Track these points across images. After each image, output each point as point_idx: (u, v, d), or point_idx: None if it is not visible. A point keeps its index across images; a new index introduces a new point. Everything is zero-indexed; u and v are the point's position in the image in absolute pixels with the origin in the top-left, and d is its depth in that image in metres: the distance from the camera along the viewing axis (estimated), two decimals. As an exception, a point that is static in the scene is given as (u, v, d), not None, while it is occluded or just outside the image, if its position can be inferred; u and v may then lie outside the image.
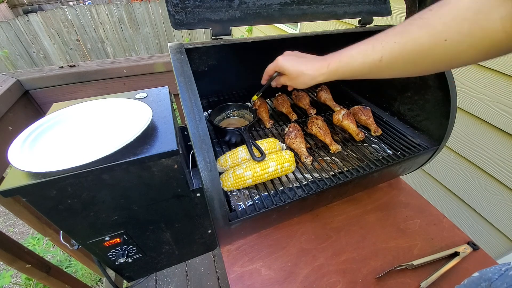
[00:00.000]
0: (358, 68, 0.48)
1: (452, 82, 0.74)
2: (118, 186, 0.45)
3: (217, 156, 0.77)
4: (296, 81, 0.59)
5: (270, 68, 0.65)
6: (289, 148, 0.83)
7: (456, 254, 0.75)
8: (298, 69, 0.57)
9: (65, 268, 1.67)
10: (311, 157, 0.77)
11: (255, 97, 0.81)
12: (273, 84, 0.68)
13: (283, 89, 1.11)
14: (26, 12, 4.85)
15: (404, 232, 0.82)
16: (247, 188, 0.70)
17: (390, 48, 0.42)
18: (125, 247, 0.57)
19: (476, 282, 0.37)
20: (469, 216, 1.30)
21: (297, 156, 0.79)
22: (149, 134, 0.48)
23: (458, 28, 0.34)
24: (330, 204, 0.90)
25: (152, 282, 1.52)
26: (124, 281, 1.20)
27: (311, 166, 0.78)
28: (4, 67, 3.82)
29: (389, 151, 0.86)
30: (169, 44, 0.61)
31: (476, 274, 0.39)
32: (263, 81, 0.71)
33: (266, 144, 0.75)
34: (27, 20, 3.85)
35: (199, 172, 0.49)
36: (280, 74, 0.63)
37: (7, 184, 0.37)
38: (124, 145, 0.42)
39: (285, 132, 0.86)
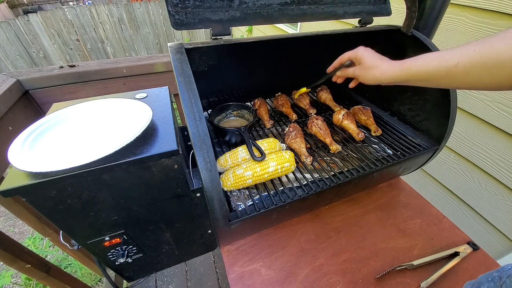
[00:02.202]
0: (432, 71, 0.48)
1: (452, 82, 0.74)
2: (118, 186, 0.45)
3: (217, 156, 0.77)
4: (367, 72, 0.60)
5: (346, 55, 0.67)
6: (289, 148, 0.83)
7: (456, 254, 0.75)
8: (375, 60, 0.59)
9: (65, 268, 1.67)
10: (311, 157, 0.77)
11: (304, 89, 0.87)
12: (340, 74, 0.71)
13: (283, 89, 1.12)
14: (26, 12, 4.85)
15: (404, 232, 0.82)
16: (247, 188, 0.70)
17: (469, 56, 0.43)
18: (125, 247, 0.57)
19: (488, 274, 0.38)
20: (469, 216, 1.30)
21: (297, 156, 0.79)
22: (149, 134, 0.48)
23: None
24: (330, 204, 0.90)
25: (152, 282, 1.52)
26: (124, 281, 1.20)
27: (311, 166, 0.78)
28: (4, 67, 3.82)
29: (389, 151, 0.86)
30: (169, 44, 0.61)
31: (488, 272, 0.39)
32: (332, 68, 0.72)
33: (266, 144, 0.75)
34: (27, 20, 3.85)
35: (199, 172, 0.49)
36: (352, 64, 0.66)
37: (7, 184, 0.37)
38: (124, 145, 0.42)
39: (285, 132, 0.86)
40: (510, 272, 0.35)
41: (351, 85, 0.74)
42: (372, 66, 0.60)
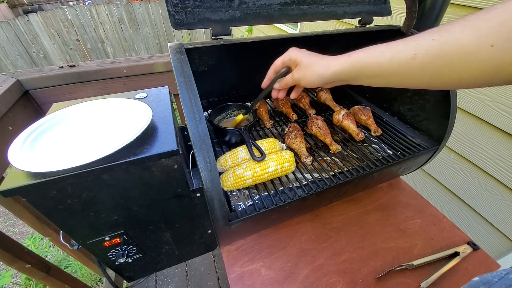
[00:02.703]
0: (385, 64, 0.41)
1: (452, 82, 0.74)
2: (118, 186, 0.45)
3: (217, 156, 0.77)
4: (307, 71, 0.51)
5: (279, 61, 0.57)
6: (289, 148, 0.83)
7: (456, 254, 0.75)
8: (313, 57, 0.51)
9: (65, 268, 1.67)
10: (311, 157, 0.77)
11: (240, 117, 0.79)
12: (278, 87, 0.60)
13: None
14: (26, 12, 4.85)
15: (404, 232, 0.82)
16: (247, 188, 0.70)
17: (427, 46, 0.37)
18: (125, 247, 0.57)
19: (475, 285, 0.37)
20: (469, 216, 1.30)
21: (297, 156, 0.79)
22: (149, 134, 0.48)
23: (507, 35, 0.30)
24: (330, 204, 0.90)
25: (152, 282, 1.52)
26: (124, 281, 1.19)
27: (311, 166, 0.78)
28: (4, 67, 3.82)
29: (389, 151, 0.86)
30: (169, 44, 0.61)
31: (476, 278, 0.38)
32: (267, 81, 0.61)
33: (266, 144, 0.75)
34: (27, 20, 3.85)
35: (199, 172, 0.49)
36: (289, 70, 0.56)
37: (7, 184, 0.37)
38: (124, 145, 0.42)
39: (285, 132, 0.86)
40: (495, 287, 0.34)
41: (293, 95, 0.64)
42: (310, 63, 0.51)
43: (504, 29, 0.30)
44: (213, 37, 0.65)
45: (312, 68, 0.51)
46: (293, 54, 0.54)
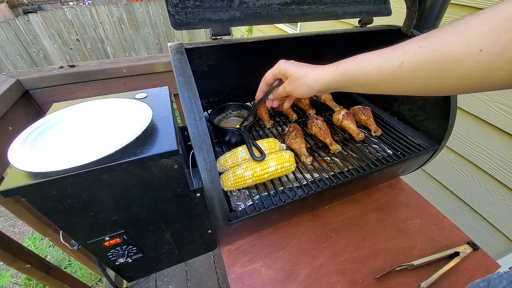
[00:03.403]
0: (373, 73, 0.41)
1: (452, 82, 0.74)
2: (118, 186, 0.45)
3: (217, 156, 0.77)
4: (297, 83, 0.52)
5: (269, 75, 0.58)
6: (289, 148, 0.83)
7: (456, 254, 0.75)
8: (301, 69, 0.52)
9: (65, 268, 1.67)
10: (311, 157, 0.77)
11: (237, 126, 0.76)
12: (272, 97, 0.61)
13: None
14: (26, 12, 4.85)
15: (404, 232, 0.82)
16: (247, 188, 0.70)
17: (414, 53, 0.37)
18: (125, 247, 0.57)
19: (475, 283, 0.37)
20: (469, 216, 1.30)
21: (297, 156, 0.79)
22: (149, 134, 0.48)
23: (496, 40, 0.30)
24: (330, 204, 0.90)
25: (152, 282, 1.52)
26: (124, 281, 1.19)
27: (311, 166, 0.78)
28: (4, 67, 3.82)
29: (389, 151, 0.86)
30: (169, 44, 0.61)
31: (478, 280, 0.39)
32: (260, 93, 0.62)
33: (266, 144, 0.75)
34: (27, 20, 3.85)
35: (199, 172, 0.49)
36: (281, 82, 0.57)
37: (7, 184, 0.37)
38: (124, 145, 0.42)
39: (285, 132, 0.86)
40: (496, 282, 0.34)
41: (285, 105, 0.66)
42: (300, 76, 0.51)
43: (493, 34, 0.30)
44: (213, 37, 0.65)
45: (302, 81, 0.51)
46: (282, 67, 0.54)
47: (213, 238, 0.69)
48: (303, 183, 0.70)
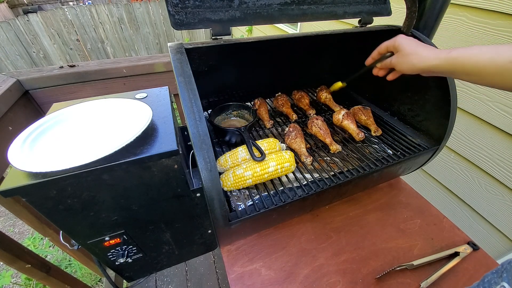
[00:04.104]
0: (484, 64, 0.43)
1: (452, 82, 0.74)
2: (118, 186, 0.45)
3: (217, 156, 0.77)
4: (404, 59, 0.56)
5: (384, 45, 0.62)
6: (289, 148, 0.83)
7: (456, 254, 0.75)
8: (415, 47, 0.54)
9: (65, 268, 1.66)
10: (311, 157, 0.77)
11: (339, 84, 0.83)
12: (379, 66, 0.66)
13: (283, 89, 1.12)
14: (26, 12, 4.85)
15: (404, 232, 0.82)
16: (247, 188, 0.70)
17: None
18: (125, 247, 0.57)
19: (491, 271, 0.39)
20: (469, 216, 1.30)
21: (297, 156, 0.79)
22: (149, 134, 0.48)
23: None
24: (330, 204, 0.90)
25: (152, 282, 1.52)
26: (124, 281, 1.20)
27: (311, 166, 0.78)
28: (4, 67, 3.82)
29: (389, 151, 0.86)
30: (169, 44, 0.61)
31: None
32: (371, 60, 0.68)
33: (266, 144, 0.75)
34: (27, 20, 3.85)
35: (199, 172, 0.49)
36: (392, 54, 0.61)
37: (7, 184, 0.37)
38: (124, 145, 0.42)
39: (285, 132, 0.86)
40: (510, 259, 0.36)
41: (390, 77, 0.68)
42: (410, 53, 0.55)
43: None
44: (213, 37, 0.65)
45: (408, 58, 0.55)
46: (398, 41, 0.58)
47: (213, 238, 0.69)
48: (303, 183, 0.70)
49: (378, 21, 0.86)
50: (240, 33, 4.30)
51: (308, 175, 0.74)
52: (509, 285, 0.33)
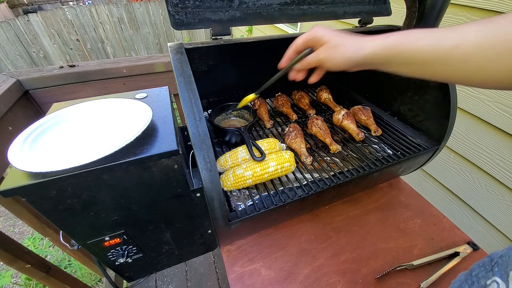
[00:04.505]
0: (425, 51, 0.38)
1: (452, 82, 0.74)
2: (118, 186, 0.45)
3: (217, 156, 0.77)
4: (333, 52, 0.45)
5: (300, 41, 0.50)
6: (289, 148, 0.83)
7: (456, 254, 0.74)
8: (343, 36, 0.45)
9: (65, 268, 1.66)
10: (311, 157, 0.77)
11: (251, 97, 0.70)
12: (298, 67, 0.53)
13: (283, 89, 1.12)
14: (26, 12, 4.85)
15: (404, 232, 0.82)
16: (247, 188, 0.70)
17: (473, 37, 0.34)
18: (125, 247, 0.57)
19: (479, 261, 0.39)
20: (469, 216, 1.30)
21: (297, 156, 0.79)
22: (149, 134, 0.48)
23: None
24: (330, 204, 0.90)
25: (152, 282, 1.52)
26: (124, 281, 1.20)
27: (311, 166, 0.78)
28: (4, 67, 3.82)
29: (389, 151, 0.86)
30: (169, 44, 0.61)
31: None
32: (286, 60, 0.55)
33: (266, 144, 0.75)
34: (27, 20, 3.85)
35: (199, 172, 0.49)
36: (312, 51, 0.50)
37: (7, 184, 0.37)
38: (124, 145, 0.42)
39: (285, 132, 0.86)
40: (501, 253, 0.35)
41: (313, 79, 0.56)
42: (340, 43, 0.45)
43: None
44: (213, 37, 0.65)
45: (340, 49, 0.45)
46: (318, 32, 0.47)
47: (213, 238, 0.69)
48: (303, 183, 0.70)
49: (378, 21, 0.86)
50: (240, 33, 4.30)
51: (308, 175, 0.74)
52: (502, 280, 0.33)
